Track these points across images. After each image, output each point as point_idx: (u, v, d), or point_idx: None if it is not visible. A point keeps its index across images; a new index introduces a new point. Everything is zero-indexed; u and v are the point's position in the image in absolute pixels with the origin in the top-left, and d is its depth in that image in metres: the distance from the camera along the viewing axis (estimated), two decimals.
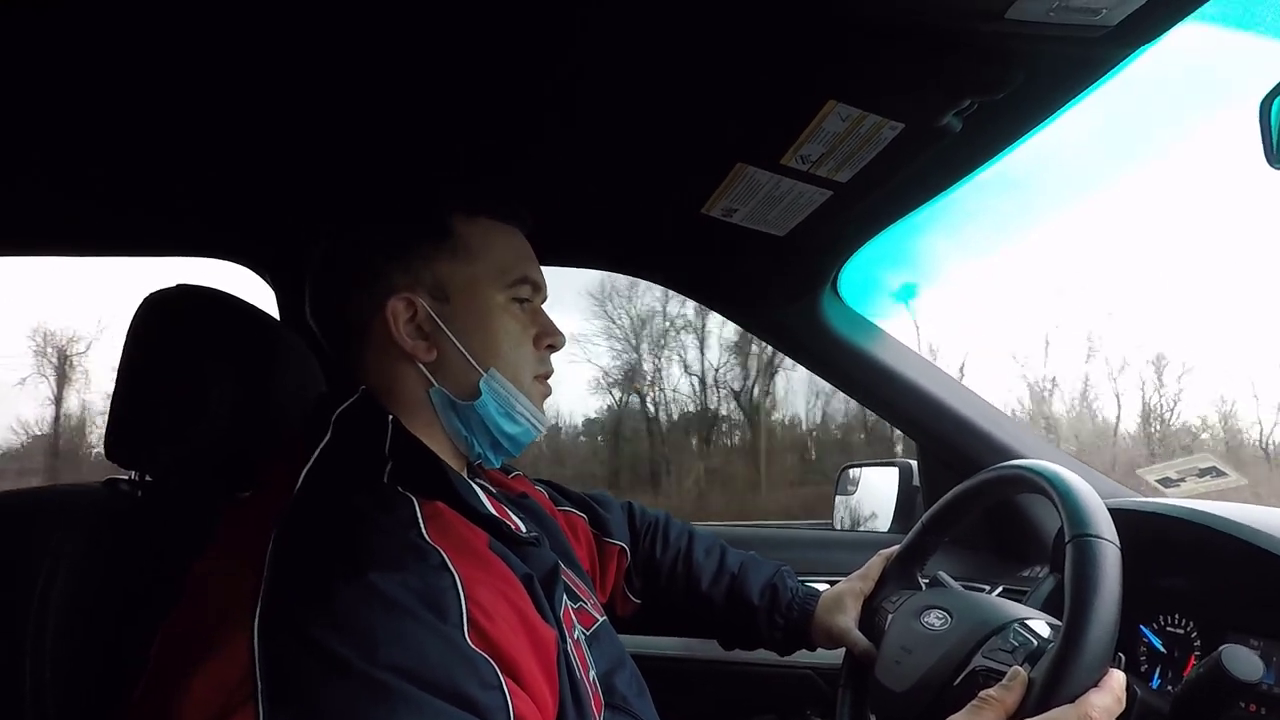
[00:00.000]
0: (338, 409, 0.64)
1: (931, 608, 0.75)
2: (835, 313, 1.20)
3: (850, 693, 0.83)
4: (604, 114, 0.82)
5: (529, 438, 0.72)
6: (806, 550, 1.37)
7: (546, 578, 0.63)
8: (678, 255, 1.18)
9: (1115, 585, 0.57)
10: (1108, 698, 0.53)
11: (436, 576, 0.51)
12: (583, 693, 0.60)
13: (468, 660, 0.48)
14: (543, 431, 0.73)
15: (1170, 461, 1.19)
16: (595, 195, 1.03)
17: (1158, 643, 0.84)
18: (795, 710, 1.23)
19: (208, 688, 0.44)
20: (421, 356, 0.67)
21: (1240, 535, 0.74)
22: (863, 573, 0.91)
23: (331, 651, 0.44)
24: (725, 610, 0.96)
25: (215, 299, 0.74)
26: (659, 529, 1.02)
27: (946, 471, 1.24)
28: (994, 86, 0.66)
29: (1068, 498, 0.63)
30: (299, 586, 0.48)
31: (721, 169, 0.87)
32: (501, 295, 0.70)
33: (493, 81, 0.76)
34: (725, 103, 0.76)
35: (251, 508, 0.58)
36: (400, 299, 0.66)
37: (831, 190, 0.87)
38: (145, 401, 0.70)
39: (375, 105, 0.81)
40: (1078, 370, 8.13)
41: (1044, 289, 10.27)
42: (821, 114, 0.72)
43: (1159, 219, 7.87)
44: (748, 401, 8.05)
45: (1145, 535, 0.85)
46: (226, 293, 0.76)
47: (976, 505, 0.82)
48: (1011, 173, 0.85)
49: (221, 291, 0.76)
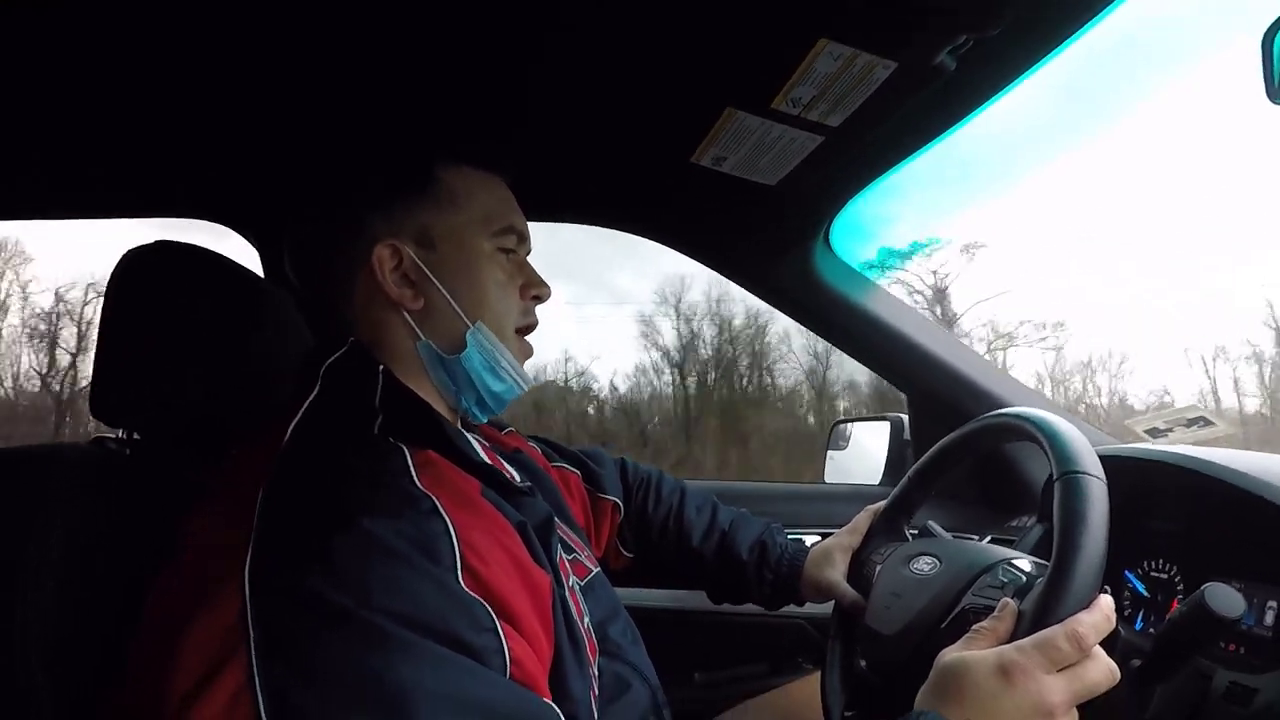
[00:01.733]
0: (326, 362, 0.63)
1: (921, 554, 0.76)
2: (827, 265, 1.19)
3: (839, 642, 0.84)
4: (587, 60, 0.80)
5: (511, 394, 0.72)
6: (798, 504, 1.39)
7: (541, 526, 0.63)
8: (667, 207, 1.17)
9: (1103, 518, 0.57)
10: (1097, 615, 0.53)
11: (429, 522, 0.50)
12: (579, 637, 0.61)
13: (462, 604, 0.48)
14: (525, 390, 0.73)
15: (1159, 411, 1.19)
16: (581, 147, 1.01)
17: (1141, 587, 0.86)
18: (788, 658, 1.25)
19: (200, 641, 0.44)
20: (409, 305, 0.66)
21: (1224, 478, 0.74)
22: (851, 527, 0.92)
23: (324, 599, 0.44)
24: (715, 566, 0.97)
25: (194, 254, 0.73)
26: (651, 485, 1.03)
27: (936, 425, 1.24)
28: (989, 21, 0.64)
29: (1055, 439, 0.64)
30: (288, 537, 0.48)
31: (711, 115, 0.85)
32: (488, 243, 0.69)
33: (474, 30, 0.74)
34: (713, 44, 0.74)
35: (240, 463, 0.58)
36: (386, 246, 0.65)
37: (823, 135, 0.85)
38: (128, 359, 0.69)
39: (357, 59, 0.79)
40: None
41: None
42: (813, 53, 0.70)
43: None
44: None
45: (1130, 481, 0.85)
46: (206, 249, 0.74)
47: (963, 456, 0.83)
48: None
49: (200, 247, 0.74)
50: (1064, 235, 11.04)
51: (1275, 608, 0.70)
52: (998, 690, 0.51)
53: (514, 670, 0.48)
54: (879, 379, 1.33)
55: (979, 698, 0.51)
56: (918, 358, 1.21)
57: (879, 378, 1.33)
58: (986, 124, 0.83)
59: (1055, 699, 0.50)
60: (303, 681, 0.42)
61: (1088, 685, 0.51)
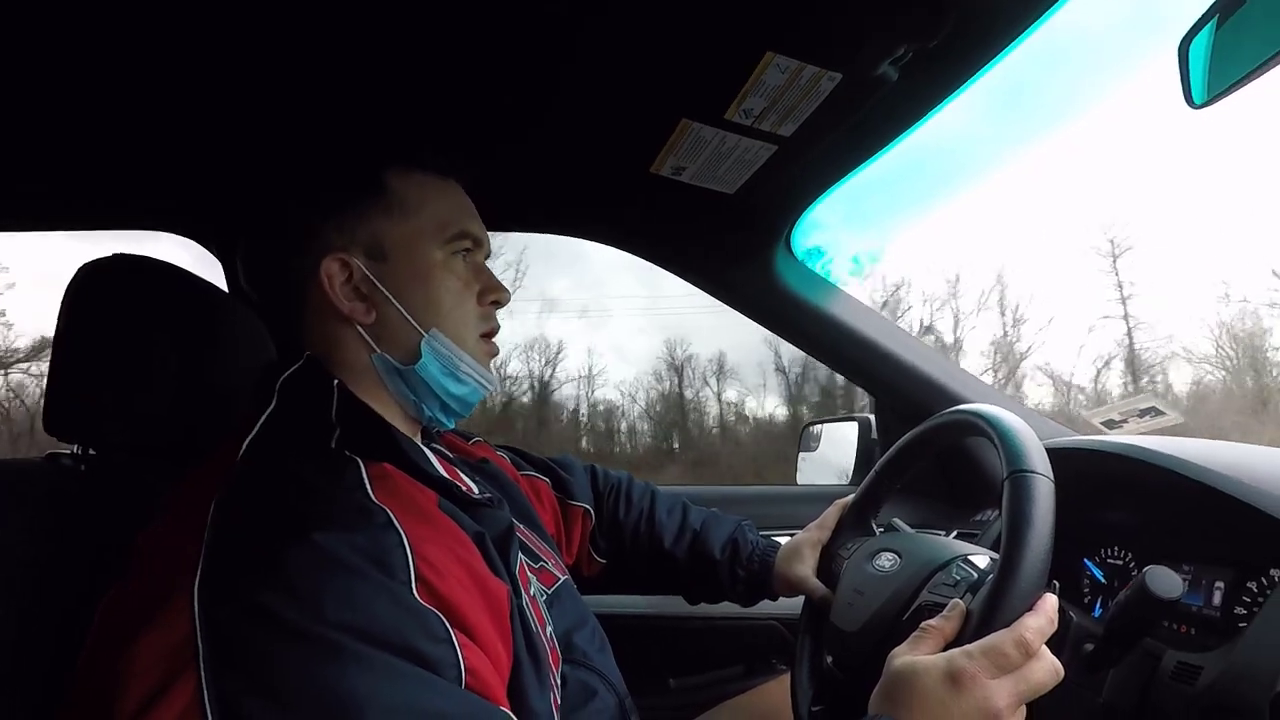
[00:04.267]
0: (282, 376, 0.63)
1: (883, 550, 0.77)
2: (789, 270, 1.21)
3: (809, 638, 0.85)
4: (549, 71, 0.81)
5: (476, 397, 0.71)
6: (769, 506, 1.40)
7: (500, 536, 0.63)
8: (630, 216, 1.18)
9: (1048, 516, 0.59)
10: (1040, 619, 0.55)
11: (383, 535, 0.50)
12: (539, 647, 0.61)
13: (416, 615, 0.48)
14: (490, 390, 0.72)
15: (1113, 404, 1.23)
16: (545, 157, 1.02)
17: (1099, 574, 0.88)
18: (761, 659, 1.26)
19: (149, 657, 0.43)
20: (360, 318, 0.65)
21: (1169, 466, 0.77)
22: (819, 522, 0.93)
23: (276, 614, 0.44)
24: (689, 566, 0.98)
25: (154, 268, 0.72)
26: (622, 490, 1.03)
27: (901, 423, 1.27)
28: (927, 33, 0.66)
29: (1005, 437, 0.65)
30: (240, 551, 0.48)
31: (667, 126, 0.87)
32: (440, 251, 0.68)
33: (433, 42, 0.74)
34: (666, 57, 0.76)
35: (197, 479, 0.57)
36: (335, 259, 0.65)
37: (777, 145, 0.87)
38: (84, 373, 0.68)
39: (319, 72, 0.79)
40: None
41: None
42: (761, 65, 0.73)
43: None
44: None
45: (1086, 472, 0.88)
46: (166, 262, 0.74)
47: (926, 451, 0.84)
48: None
49: (160, 261, 0.73)
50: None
51: (1222, 588, 0.72)
52: (946, 697, 0.52)
53: (469, 680, 0.48)
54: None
55: (928, 704, 0.53)
56: (880, 358, 1.23)
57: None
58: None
59: (1001, 703, 0.52)
60: (254, 696, 0.41)
61: (1033, 686, 0.53)
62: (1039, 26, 0.69)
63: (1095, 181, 9.98)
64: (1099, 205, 12.22)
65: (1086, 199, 12.57)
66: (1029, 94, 3.64)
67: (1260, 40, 0.52)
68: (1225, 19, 0.55)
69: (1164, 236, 7.95)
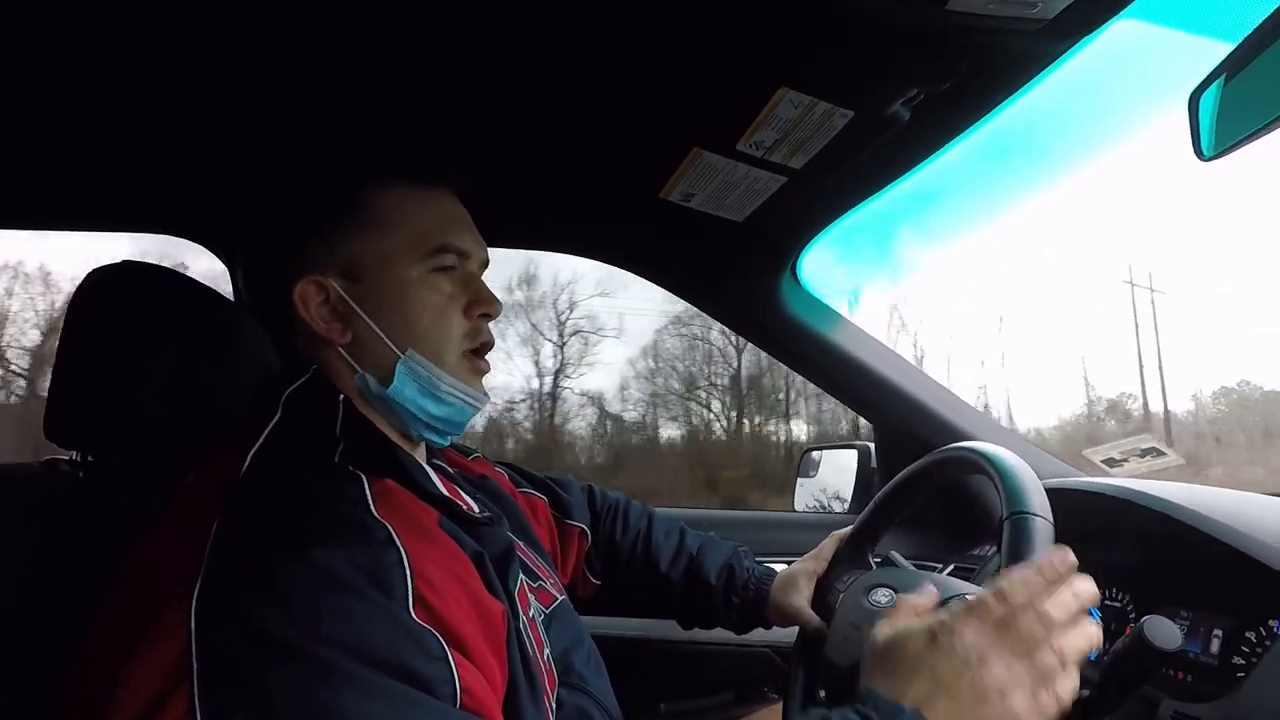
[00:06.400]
0: (287, 389, 0.63)
1: (879, 586, 0.77)
2: (794, 298, 1.22)
3: (802, 670, 0.85)
4: (563, 98, 0.82)
5: (464, 415, 0.69)
6: (766, 532, 1.40)
7: (500, 556, 0.63)
8: (639, 239, 1.19)
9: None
10: (1026, 570, 0.55)
11: (383, 551, 0.50)
12: (535, 670, 0.60)
13: (412, 635, 0.47)
14: (479, 407, 0.69)
15: (1115, 443, 1.23)
16: (558, 179, 1.03)
17: (1097, 615, 0.88)
18: (753, 687, 1.26)
19: (144, 672, 0.43)
20: (337, 339, 0.65)
21: (1167, 512, 0.77)
22: (816, 553, 0.93)
23: (271, 631, 0.44)
24: (684, 590, 0.97)
25: (160, 275, 0.72)
26: (619, 511, 1.03)
27: (902, 453, 1.26)
28: (939, 77, 0.67)
29: (1006, 477, 0.65)
30: (240, 567, 0.47)
31: (679, 154, 0.88)
32: (419, 267, 0.66)
33: (449, 65, 0.75)
34: (681, 88, 0.77)
35: (197, 489, 0.57)
36: (311, 282, 0.64)
37: (786, 176, 0.88)
38: (87, 379, 0.68)
39: (334, 82, 0.80)
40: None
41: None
42: (774, 100, 0.73)
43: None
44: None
45: (1086, 513, 0.88)
46: (173, 269, 0.74)
47: (925, 487, 0.84)
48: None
49: (167, 268, 0.73)
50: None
51: (1220, 636, 0.72)
52: (928, 654, 0.52)
53: (465, 699, 0.48)
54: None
55: (917, 665, 0.52)
56: (882, 388, 1.24)
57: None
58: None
59: (989, 652, 0.50)
60: (246, 715, 0.41)
61: (1023, 636, 0.51)
62: (1051, 73, 0.70)
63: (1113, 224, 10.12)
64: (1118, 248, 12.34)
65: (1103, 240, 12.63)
66: (1036, 141, 3.69)
67: (1265, 100, 0.53)
68: (1232, 77, 0.56)
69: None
